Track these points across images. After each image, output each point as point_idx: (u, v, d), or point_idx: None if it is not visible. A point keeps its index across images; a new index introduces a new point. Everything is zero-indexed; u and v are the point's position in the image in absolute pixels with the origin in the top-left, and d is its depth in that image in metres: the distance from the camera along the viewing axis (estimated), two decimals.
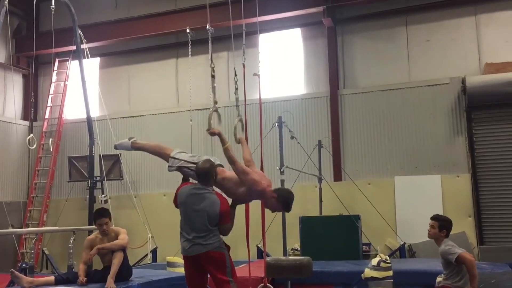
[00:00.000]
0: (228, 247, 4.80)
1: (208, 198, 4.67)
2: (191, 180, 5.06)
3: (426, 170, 9.95)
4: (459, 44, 10.14)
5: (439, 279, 5.47)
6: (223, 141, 4.76)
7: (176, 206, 4.93)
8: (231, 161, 4.64)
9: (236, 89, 5.40)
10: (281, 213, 7.72)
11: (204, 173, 4.72)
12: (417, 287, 6.10)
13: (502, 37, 9.90)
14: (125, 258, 5.67)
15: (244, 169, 4.67)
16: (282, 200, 4.74)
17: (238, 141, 5.25)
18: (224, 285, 4.63)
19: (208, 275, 4.85)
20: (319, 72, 11.02)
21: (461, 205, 9.54)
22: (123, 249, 5.65)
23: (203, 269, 4.73)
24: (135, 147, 5.17)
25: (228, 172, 4.85)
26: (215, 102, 5.00)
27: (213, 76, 5.06)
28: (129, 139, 5.21)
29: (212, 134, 4.85)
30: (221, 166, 4.93)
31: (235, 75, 5.36)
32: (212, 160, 4.84)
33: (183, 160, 4.87)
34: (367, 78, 10.68)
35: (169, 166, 4.94)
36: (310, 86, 11.11)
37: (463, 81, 9.69)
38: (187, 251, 4.70)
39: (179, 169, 4.89)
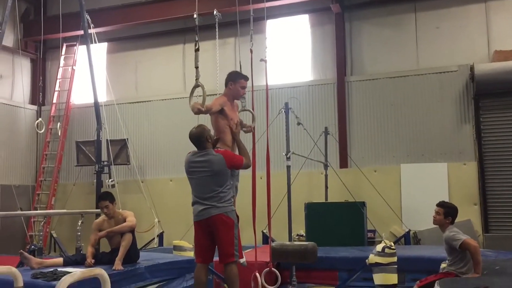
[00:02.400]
0: (237, 217, 4.90)
1: (211, 159, 4.76)
2: None
3: (433, 157, 9.94)
4: (468, 31, 10.05)
5: (443, 265, 5.52)
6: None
7: None
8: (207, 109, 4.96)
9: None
10: (286, 198, 7.76)
11: (197, 138, 4.84)
12: (421, 273, 6.12)
13: (511, 24, 9.80)
14: (134, 241, 5.75)
15: (209, 106, 5.00)
16: (232, 78, 5.30)
17: (248, 131, 5.35)
18: (230, 257, 4.69)
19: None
20: (327, 59, 10.98)
21: (467, 193, 9.55)
22: (131, 231, 5.72)
23: (213, 236, 4.76)
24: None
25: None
26: (197, 78, 5.01)
27: (197, 50, 5.06)
28: None
29: (198, 112, 4.88)
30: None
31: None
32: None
33: None
34: (375, 65, 10.63)
35: None
36: (317, 72, 11.07)
37: (472, 68, 9.62)
38: (199, 215, 4.75)
39: None
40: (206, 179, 4.73)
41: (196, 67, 5.06)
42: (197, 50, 5.06)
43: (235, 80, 5.30)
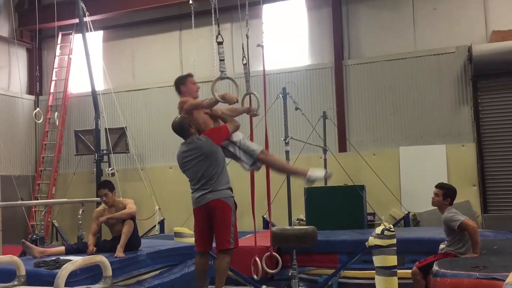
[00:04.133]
0: (235, 205, 4.89)
1: (198, 144, 4.79)
2: None
3: (431, 140, 9.96)
4: (466, 11, 9.99)
5: (442, 246, 5.57)
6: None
7: None
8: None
9: (244, 64, 5.37)
10: (286, 183, 7.79)
11: (179, 127, 4.87)
12: (421, 254, 6.18)
13: (509, 4, 9.74)
14: (135, 228, 5.76)
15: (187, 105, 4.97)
16: (181, 82, 5.23)
17: (253, 115, 5.31)
18: (225, 244, 4.72)
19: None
20: (324, 43, 10.93)
21: (465, 174, 9.58)
22: (132, 218, 5.74)
23: (211, 222, 4.78)
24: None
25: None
26: (222, 70, 4.95)
27: (220, 43, 4.96)
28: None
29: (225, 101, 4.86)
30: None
31: (243, 57, 5.31)
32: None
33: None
34: (372, 48, 10.58)
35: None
36: (315, 56, 11.03)
37: (470, 49, 9.59)
38: (197, 201, 4.78)
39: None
40: (200, 164, 4.75)
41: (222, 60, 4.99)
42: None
43: (183, 83, 5.25)
